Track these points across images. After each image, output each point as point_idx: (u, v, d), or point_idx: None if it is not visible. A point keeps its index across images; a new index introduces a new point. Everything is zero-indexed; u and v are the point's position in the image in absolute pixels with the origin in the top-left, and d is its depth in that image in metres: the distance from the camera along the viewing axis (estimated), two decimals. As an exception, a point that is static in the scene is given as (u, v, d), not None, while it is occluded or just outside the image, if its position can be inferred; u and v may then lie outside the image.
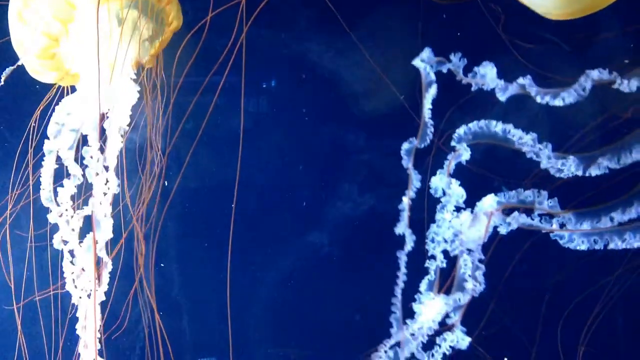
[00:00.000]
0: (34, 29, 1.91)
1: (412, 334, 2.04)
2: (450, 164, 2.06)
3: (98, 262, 2.11)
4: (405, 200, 2.07)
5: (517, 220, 2.01)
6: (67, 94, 2.16)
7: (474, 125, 2.05)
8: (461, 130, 2.05)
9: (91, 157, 2.00)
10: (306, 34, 2.47)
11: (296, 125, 2.53)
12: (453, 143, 2.06)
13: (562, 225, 1.99)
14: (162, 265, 2.49)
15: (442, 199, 2.07)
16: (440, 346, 2.03)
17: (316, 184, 2.54)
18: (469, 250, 2.03)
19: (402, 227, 2.08)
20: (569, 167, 1.96)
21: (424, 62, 2.04)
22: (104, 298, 2.21)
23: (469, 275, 2.00)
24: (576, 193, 1.99)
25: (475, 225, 2.05)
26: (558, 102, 1.95)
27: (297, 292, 2.56)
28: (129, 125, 2.09)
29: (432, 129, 2.05)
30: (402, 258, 2.08)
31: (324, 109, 2.51)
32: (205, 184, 2.54)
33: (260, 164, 2.52)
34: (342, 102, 2.45)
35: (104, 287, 2.24)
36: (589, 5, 1.90)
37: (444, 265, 2.04)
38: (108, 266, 2.21)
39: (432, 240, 2.06)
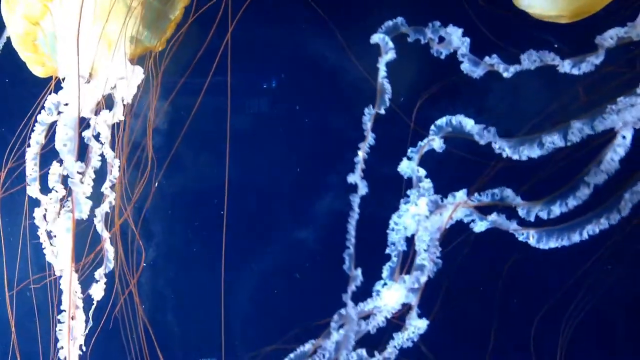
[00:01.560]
0: (16, 13, 1.95)
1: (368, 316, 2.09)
2: (421, 150, 2.13)
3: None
4: (360, 154, 2.12)
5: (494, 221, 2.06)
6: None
7: (448, 121, 2.11)
8: (441, 121, 2.11)
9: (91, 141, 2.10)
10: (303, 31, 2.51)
11: (294, 125, 2.57)
12: (431, 135, 2.12)
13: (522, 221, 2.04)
14: (144, 265, 2.53)
15: (408, 192, 2.14)
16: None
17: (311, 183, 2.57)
18: (428, 237, 2.08)
19: (354, 177, 2.13)
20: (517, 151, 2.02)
21: (382, 33, 2.10)
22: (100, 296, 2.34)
23: (425, 258, 2.05)
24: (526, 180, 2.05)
25: (438, 214, 2.10)
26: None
27: (292, 291, 2.61)
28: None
29: (390, 94, 2.09)
30: (352, 231, 2.13)
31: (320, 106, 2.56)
32: (196, 184, 2.59)
33: (254, 164, 2.58)
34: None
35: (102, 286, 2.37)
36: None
37: (404, 249, 2.10)
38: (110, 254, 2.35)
39: (393, 229, 2.12)
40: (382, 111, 2.09)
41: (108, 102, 2.26)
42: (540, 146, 1.96)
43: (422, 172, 2.12)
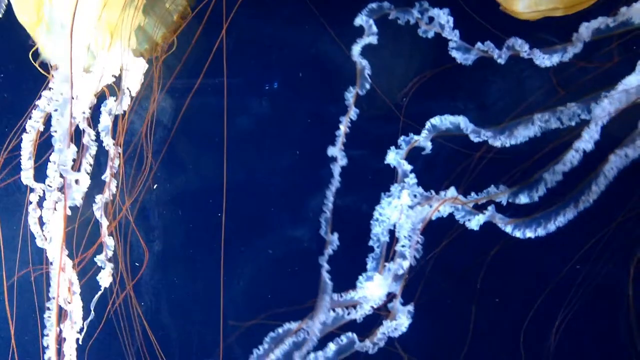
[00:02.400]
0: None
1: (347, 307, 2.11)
2: (409, 147, 2.15)
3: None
4: (342, 128, 2.13)
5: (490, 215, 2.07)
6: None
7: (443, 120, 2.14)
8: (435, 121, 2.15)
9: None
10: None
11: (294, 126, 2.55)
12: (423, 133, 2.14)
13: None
14: (136, 264, 2.55)
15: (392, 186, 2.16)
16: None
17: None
18: (410, 226, 2.10)
19: (334, 150, 2.15)
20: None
21: (364, 14, 2.13)
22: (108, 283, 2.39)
23: (406, 247, 2.07)
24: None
25: (426, 206, 2.11)
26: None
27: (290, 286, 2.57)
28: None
29: (369, 83, 2.12)
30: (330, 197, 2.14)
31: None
32: (192, 183, 2.58)
33: (253, 162, 2.55)
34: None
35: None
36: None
37: (387, 240, 2.12)
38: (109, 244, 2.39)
39: (377, 220, 2.13)
40: (363, 91, 2.10)
41: (112, 94, 2.31)
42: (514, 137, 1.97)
43: (408, 166, 2.13)
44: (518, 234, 2.03)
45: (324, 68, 2.27)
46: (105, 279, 2.39)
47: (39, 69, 2.23)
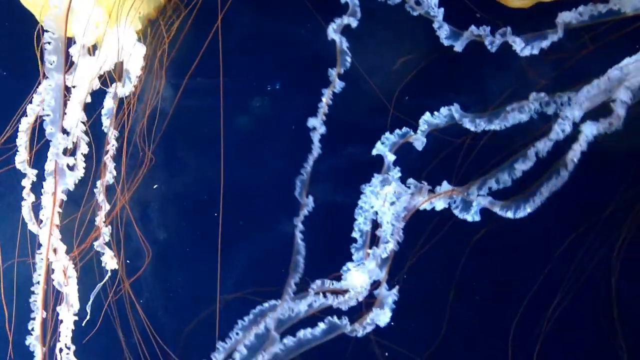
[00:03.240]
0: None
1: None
2: (402, 141, 2.16)
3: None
4: (324, 100, 2.12)
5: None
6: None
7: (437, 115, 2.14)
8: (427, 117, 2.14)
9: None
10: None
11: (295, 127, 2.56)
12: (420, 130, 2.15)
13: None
14: (128, 261, 2.55)
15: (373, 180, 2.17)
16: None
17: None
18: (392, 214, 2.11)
19: (314, 121, 2.14)
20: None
21: None
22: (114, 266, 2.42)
23: (389, 234, 2.08)
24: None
25: (413, 198, 2.12)
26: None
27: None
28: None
29: (349, 62, 2.11)
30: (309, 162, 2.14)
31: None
32: (188, 182, 2.60)
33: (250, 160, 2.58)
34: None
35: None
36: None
37: (369, 228, 2.13)
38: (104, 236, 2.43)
39: (361, 208, 2.15)
40: (342, 71, 2.10)
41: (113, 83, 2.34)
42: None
43: (392, 156, 2.15)
44: (509, 214, 2.01)
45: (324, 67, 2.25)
46: (110, 262, 2.42)
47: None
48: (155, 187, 2.54)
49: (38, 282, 2.18)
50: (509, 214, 1.96)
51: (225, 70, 2.33)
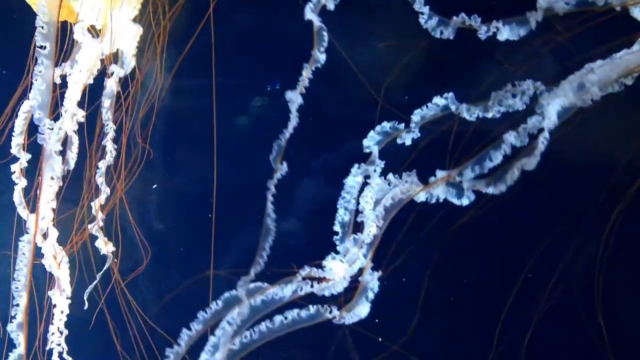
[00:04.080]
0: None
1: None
2: (390, 137, 2.18)
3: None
4: (305, 73, 2.11)
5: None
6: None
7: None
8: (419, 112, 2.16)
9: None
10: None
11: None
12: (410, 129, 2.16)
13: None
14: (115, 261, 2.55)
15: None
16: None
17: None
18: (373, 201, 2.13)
19: (293, 94, 2.13)
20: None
21: None
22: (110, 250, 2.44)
23: (368, 217, 2.10)
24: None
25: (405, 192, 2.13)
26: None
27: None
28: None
29: (326, 40, 2.10)
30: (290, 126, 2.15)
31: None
32: (184, 181, 2.63)
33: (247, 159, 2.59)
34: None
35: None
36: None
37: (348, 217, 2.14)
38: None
39: (344, 198, 2.16)
40: (321, 50, 2.09)
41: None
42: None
43: (375, 148, 2.16)
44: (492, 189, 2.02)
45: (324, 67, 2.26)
46: (104, 247, 2.44)
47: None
48: (154, 186, 2.56)
49: (21, 269, 2.19)
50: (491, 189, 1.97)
51: (226, 70, 2.35)
